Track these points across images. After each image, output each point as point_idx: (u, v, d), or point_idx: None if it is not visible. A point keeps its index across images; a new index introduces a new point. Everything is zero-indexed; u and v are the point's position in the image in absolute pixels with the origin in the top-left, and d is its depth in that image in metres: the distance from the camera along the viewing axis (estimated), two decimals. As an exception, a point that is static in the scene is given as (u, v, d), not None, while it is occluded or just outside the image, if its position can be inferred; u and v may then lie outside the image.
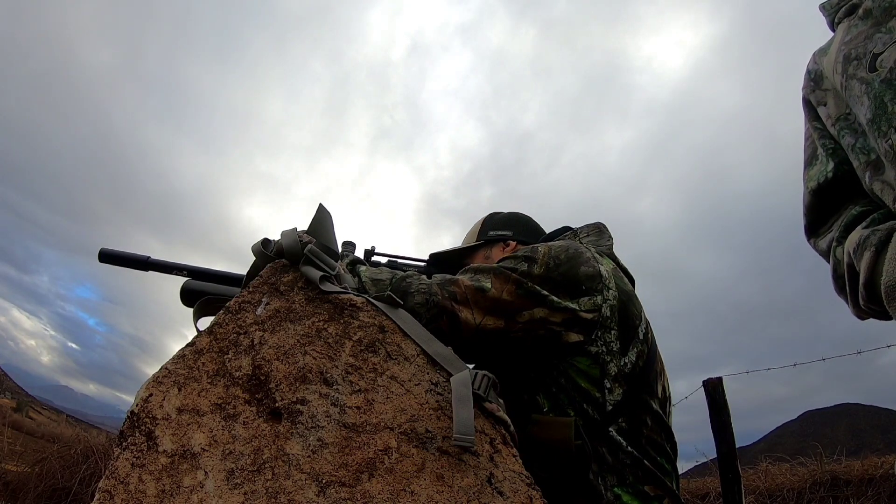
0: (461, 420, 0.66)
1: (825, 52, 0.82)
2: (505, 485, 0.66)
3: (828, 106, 0.80)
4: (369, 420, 0.70)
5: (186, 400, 0.71)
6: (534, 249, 1.00)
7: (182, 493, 0.63)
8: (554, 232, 1.27)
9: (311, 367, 0.75)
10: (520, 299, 0.93)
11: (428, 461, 0.67)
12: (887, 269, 0.62)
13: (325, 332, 0.78)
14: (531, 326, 0.93)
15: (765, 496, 3.75)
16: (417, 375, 0.75)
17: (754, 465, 4.24)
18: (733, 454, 2.51)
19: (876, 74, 0.68)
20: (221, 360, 0.75)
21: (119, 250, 1.09)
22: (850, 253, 0.70)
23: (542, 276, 0.95)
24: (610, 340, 0.95)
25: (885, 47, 0.68)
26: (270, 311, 0.80)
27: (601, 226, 1.20)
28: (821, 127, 0.83)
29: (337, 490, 0.64)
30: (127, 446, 0.66)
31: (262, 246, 0.90)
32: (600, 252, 1.09)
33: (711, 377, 2.73)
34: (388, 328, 0.80)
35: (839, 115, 0.77)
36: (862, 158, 0.72)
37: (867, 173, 0.71)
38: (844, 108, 0.76)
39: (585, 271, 0.97)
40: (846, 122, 0.76)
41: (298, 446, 0.67)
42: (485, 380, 0.74)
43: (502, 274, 0.95)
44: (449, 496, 0.64)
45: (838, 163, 0.78)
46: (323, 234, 0.92)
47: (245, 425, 0.69)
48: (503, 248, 1.31)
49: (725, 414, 2.62)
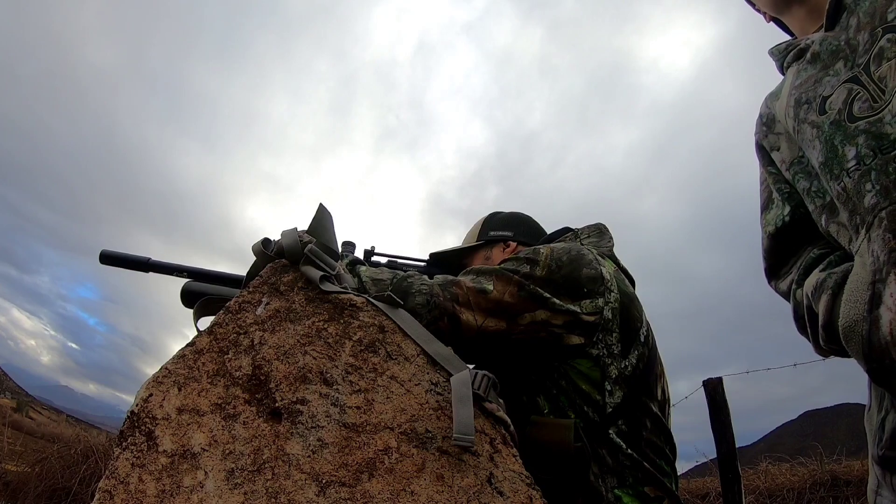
0: (461, 420, 0.66)
1: (776, 95, 0.84)
2: (505, 485, 0.66)
3: (781, 150, 0.82)
4: (369, 420, 0.70)
5: (186, 400, 0.71)
6: (536, 251, 0.99)
7: (182, 493, 0.63)
8: (554, 233, 1.27)
9: (311, 367, 0.75)
10: (521, 301, 0.93)
11: (428, 461, 0.67)
12: (843, 311, 0.64)
13: (325, 332, 0.78)
14: (532, 328, 0.93)
15: (765, 496, 3.75)
16: (417, 375, 0.75)
17: (754, 465, 4.24)
18: (733, 454, 2.51)
19: (826, 117, 0.69)
20: (221, 360, 0.75)
21: (120, 252, 1.10)
22: (809, 295, 0.72)
23: (544, 279, 0.95)
24: (611, 343, 0.95)
25: (832, 90, 0.70)
26: (270, 310, 0.80)
27: (602, 227, 1.20)
28: (775, 172, 0.85)
29: (337, 490, 0.64)
30: (127, 446, 0.66)
31: (263, 246, 0.90)
32: (601, 254, 1.08)
33: (711, 377, 2.73)
34: (388, 328, 0.80)
35: (793, 159, 0.79)
36: (817, 202, 0.74)
37: (823, 216, 0.73)
38: (798, 152, 0.78)
39: (587, 273, 0.96)
40: (800, 165, 0.77)
41: (298, 446, 0.67)
42: (485, 380, 0.74)
43: (504, 276, 0.95)
44: (449, 496, 0.64)
45: (794, 206, 0.80)
46: (323, 234, 0.92)
47: (245, 425, 0.69)
48: (503, 248, 1.31)
49: (725, 414, 2.63)
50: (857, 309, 0.62)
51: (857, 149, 0.64)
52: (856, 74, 0.67)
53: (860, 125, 0.64)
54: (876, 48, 0.65)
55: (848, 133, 0.66)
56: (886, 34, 0.65)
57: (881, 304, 0.58)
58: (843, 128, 0.66)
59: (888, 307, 0.57)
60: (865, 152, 0.63)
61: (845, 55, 0.70)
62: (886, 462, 0.65)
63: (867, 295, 0.60)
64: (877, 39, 0.65)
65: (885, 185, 0.60)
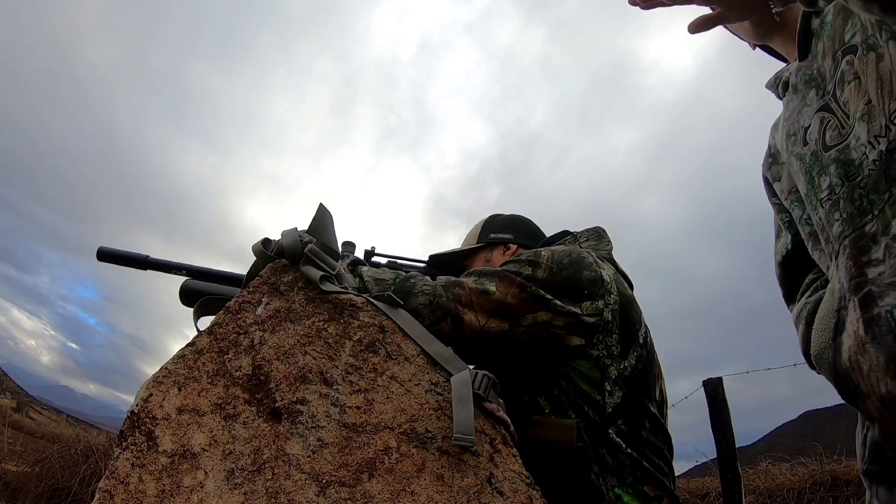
0: (461, 420, 0.66)
1: (776, 127, 0.85)
2: (505, 485, 0.66)
3: (781, 181, 0.83)
4: (369, 420, 0.70)
5: (186, 400, 0.71)
6: (537, 254, 1.00)
7: (182, 493, 0.63)
8: (553, 236, 1.28)
9: (311, 367, 0.75)
10: (524, 303, 0.94)
11: (428, 461, 0.67)
12: (814, 339, 0.67)
13: (325, 332, 0.78)
14: (534, 329, 0.94)
15: (765, 496, 3.75)
16: (417, 375, 0.75)
17: (754, 465, 4.24)
18: (733, 454, 2.51)
19: (807, 148, 0.71)
20: (221, 360, 0.75)
21: (117, 249, 1.09)
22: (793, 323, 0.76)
23: (546, 280, 0.95)
24: (611, 344, 0.96)
25: (809, 120, 0.71)
26: (270, 311, 0.80)
27: (600, 230, 1.21)
28: (778, 202, 0.86)
29: (337, 490, 0.64)
30: (127, 446, 0.66)
31: (263, 246, 0.90)
32: (600, 257, 1.09)
33: (711, 377, 2.73)
34: (388, 328, 0.80)
35: (790, 189, 0.80)
36: (806, 229, 0.76)
37: (809, 243, 0.76)
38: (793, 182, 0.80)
39: (588, 276, 0.97)
40: (795, 195, 0.79)
41: (298, 446, 0.67)
42: (485, 380, 0.74)
43: (506, 277, 0.96)
44: (449, 496, 0.64)
45: (794, 234, 0.83)
46: (323, 234, 0.92)
47: (245, 425, 0.69)
48: (504, 251, 1.31)
49: (725, 414, 2.63)
50: (824, 337, 0.65)
51: (830, 178, 0.66)
52: (826, 102, 0.68)
53: (831, 154, 0.66)
54: (838, 73, 0.66)
55: (823, 163, 0.67)
56: (846, 56, 0.65)
57: (843, 331, 0.61)
58: (820, 158, 0.68)
59: (849, 333, 0.60)
60: (835, 181, 0.65)
61: (817, 83, 0.71)
62: (870, 475, 0.66)
63: (832, 322, 0.64)
64: (839, 63, 0.66)
65: (850, 213, 0.62)
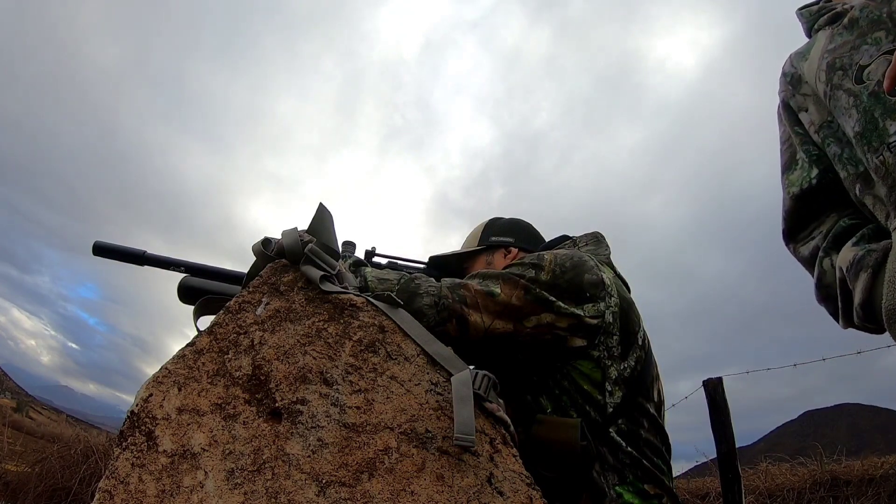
0: (462, 420, 0.67)
1: (804, 56, 0.82)
2: (505, 485, 0.66)
3: (809, 112, 0.80)
4: (369, 420, 0.70)
5: (186, 400, 0.71)
6: (540, 257, 1.02)
7: (182, 493, 0.63)
8: (553, 240, 1.29)
9: (311, 367, 0.75)
10: (528, 304, 0.95)
11: (428, 461, 0.67)
12: (887, 293, 0.61)
13: (325, 332, 0.78)
14: (538, 330, 0.95)
15: (765, 496, 3.75)
16: (417, 375, 0.75)
17: (754, 465, 4.24)
18: (733, 454, 2.51)
19: (863, 87, 0.68)
20: (221, 360, 0.75)
21: (114, 243, 1.06)
22: (843, 269, 0.69)
23: (549, 283, 0.97)
24: (612, 345, 0.97)
25: (871, 59, 0.68)
26: (270, 311, 0.80)
27: (599, 235, 1.23)
28: (802, 132, 0.82)
29: (337, 490, 0.64)
30: (127, 446, 0.66)
31: (263, 246, 0.90)
32: (600, 261, 1.11)
33: (712, 377, 2.73)
34: (388, 328, 0.80)
35: (822, 123, 0.77)
36: (850, 170, 0.72)
37: (857, 185, 0.71)
38: (827, 116, 0.76)
39: (589, 279, 0.99)
40: (829, 129, 0.76)
41: (298, 446, 0.67)
42: (485, 380, 0.74)
43: (511, 279, 0.97)
44: (449, 496, 0.64)
45: (822, 170, 0.78)
46: (323, 234, 0.92)
47: (245, 425, 0.69)
48: (505, 254, 1.32)
49: (725, 414, 2.63)
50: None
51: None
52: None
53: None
54: None
55: (888, 107, 0.63)
56: None
57: None
58: (883, 101, 0.64)
59: None
60: None
61: (887, 27, 0.68)
62: None
63: None
64: None
65: None
